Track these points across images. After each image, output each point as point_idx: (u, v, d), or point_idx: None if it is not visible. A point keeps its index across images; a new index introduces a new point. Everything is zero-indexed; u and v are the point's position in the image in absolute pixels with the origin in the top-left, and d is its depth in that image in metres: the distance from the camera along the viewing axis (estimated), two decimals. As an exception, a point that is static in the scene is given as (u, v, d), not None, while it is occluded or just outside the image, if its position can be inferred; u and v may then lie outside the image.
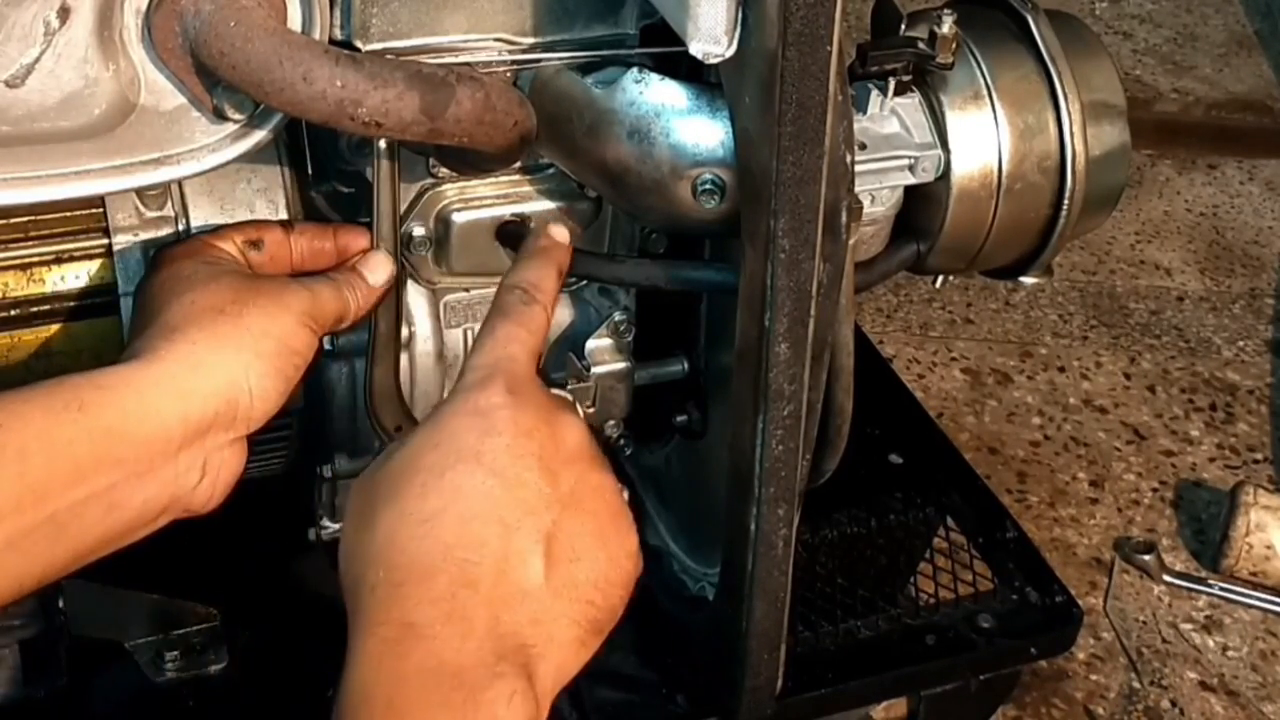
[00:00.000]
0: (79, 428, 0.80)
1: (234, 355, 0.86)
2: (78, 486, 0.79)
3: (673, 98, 0.94)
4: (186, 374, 0.84)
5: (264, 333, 0.88)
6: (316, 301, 0.93)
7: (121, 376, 0.83)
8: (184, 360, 0.85)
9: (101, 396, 0.81)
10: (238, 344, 0.87)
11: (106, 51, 0.84)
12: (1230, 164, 2.78)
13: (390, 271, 0.99)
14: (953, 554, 1.35)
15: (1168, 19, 3.27)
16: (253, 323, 0.88)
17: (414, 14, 0.93)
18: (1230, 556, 1.83)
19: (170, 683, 1.18)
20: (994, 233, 1.14)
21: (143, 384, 0.83)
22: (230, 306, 0.88)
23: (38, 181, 0.86)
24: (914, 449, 1.47)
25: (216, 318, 0.87)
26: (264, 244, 0.98)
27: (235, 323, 0.87)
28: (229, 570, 1.28)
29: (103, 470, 0.80)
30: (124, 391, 0.82)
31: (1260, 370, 2.26)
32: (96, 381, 0.82)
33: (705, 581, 1.23)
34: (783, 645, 1.12)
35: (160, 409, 0.83)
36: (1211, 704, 1.72)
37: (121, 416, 0.81)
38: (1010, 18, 1.15)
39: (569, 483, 0.80)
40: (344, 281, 0.96)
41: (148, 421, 0.82)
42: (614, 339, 1.14)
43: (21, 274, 0.99)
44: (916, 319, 2.33)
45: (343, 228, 1.01)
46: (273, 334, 0.88)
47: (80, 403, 0.80)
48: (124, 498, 0.82)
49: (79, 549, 0.82)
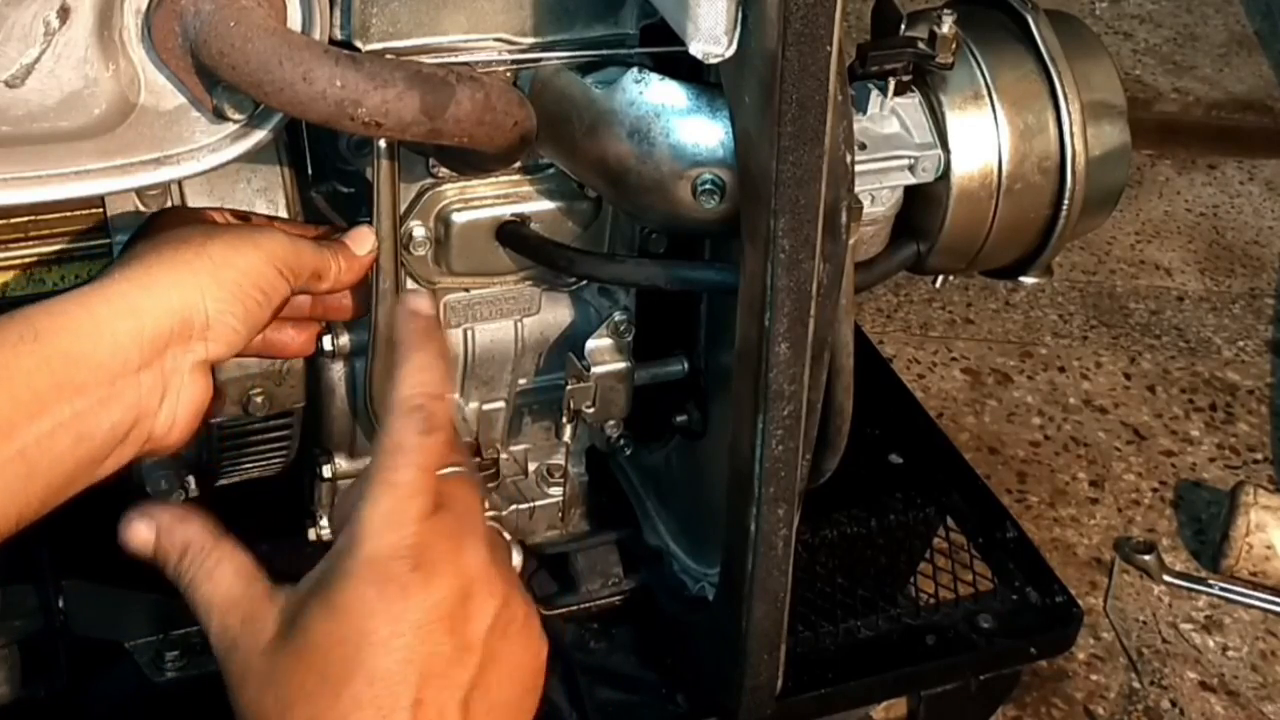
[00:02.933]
0: (37, 357, 0.79)
1: (190, 277, 0.86)
2: (42, 418, 0.79)
3: (673, 98, 0.94)
4: (138, 292, 0.84)
5: (225, 262, 0.87)
6: (293, 249, 0.92)
7: (74, 300, 0.83)
8: (137, 280, 0.84)
9: (55, 323, 0.81)
10: (194, 268, 0.86)
11: (106, 51, 0.84)
12: (1230, 164, 2.78)
13: (373, 245, 0.99)
14: (953, 554, 1.35)
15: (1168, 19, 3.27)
16: (215, 252, 0.87)
17: (414, 14, 0.93)
18: (1230, 556, 1.83)
19: (170, 683, 1.18)
20: (994, 233, 1.14)
21: (94, 304, 0.83)
22: (195, 237, 0.88)
23: (38, 181, 0.86)
24: (914, 449, 1.47)
25: (179, 245, 0.87)
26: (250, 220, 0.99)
27: (197, 251, 0.87)
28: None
29: (65, 398, 0.80)
30: (77, 314, 0.82)
31: (1260, 370, 2.26)
32: (49, 309, 0.82)
33: (705, 581, 1.23)
34: (783, 645, 1.12)
35: (114, 328, 0.82)
36: (1211, 704, 1.72)
37: (76, 339, 0.81)
38: (1010, 18, 1.15)
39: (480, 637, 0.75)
40: (325, 244, 0.96)
41: (102, 342, 0.82)
42: (614, 339, 1.14)
43: (21, 274, 0.99)
44: (916, 319, 2.33)
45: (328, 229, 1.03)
46: (235, 265, 0.88)
47: (35, 332, 0.80)
48: (90, 426, 0.82)
49: (52, 483, 0.81)
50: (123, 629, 1.18)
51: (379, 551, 0.74)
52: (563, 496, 1.24)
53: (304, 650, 0.73)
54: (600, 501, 1.29)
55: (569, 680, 1.21)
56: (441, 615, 0.73)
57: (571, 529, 1.27)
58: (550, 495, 1.24)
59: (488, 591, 0.76)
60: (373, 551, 0.74)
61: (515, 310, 1.13)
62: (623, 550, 1.29)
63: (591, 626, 1.26)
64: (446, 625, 0.74)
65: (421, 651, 0.72)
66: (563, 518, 1.26)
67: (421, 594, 0.73)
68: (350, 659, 0.72)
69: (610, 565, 1.28)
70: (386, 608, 0.72)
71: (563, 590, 1.27)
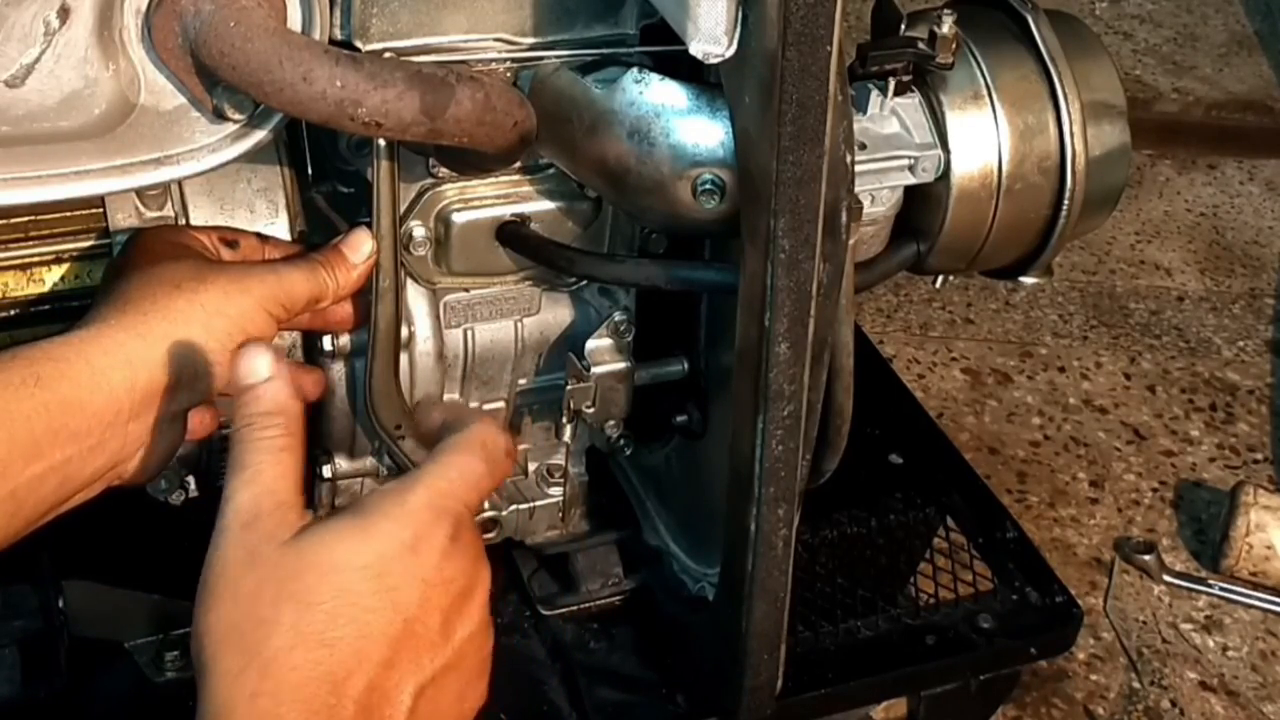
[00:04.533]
0: (36, 402, 0.81)
1: (184, 329, 0.87)
2: (37, 461, 0.81)
3: (673, 98, 0.94)
4: (134, 342, 0.85)
5: (218, 310, 0.88)
6: (283, 286, 0.93)
7: (73, 346, 0.84)
8: (133, 329, 0.86)
9: (56, 369, 0.82)
10: (188, 318, 0.87)
11: (106, 51, 0.84)
12: (1230, 164, 2.78)
13: (370, 247, 0.99)
14: (953, 554, 1.35)
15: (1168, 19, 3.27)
16: (208, 300, 0.88)
17: (414, 14, 0.93)
18: (1230, 556, 1.83)
19: (170, 683, 1.18)
20: (994, 233, 1.14)
21: (93, 353, 0.84)
22: (188, 283, 0.88)
23: (38, 181, 0.86)
24: (914, 449, 1.47)
25: (172, 291, 0.88)
26: (239, 245, 0.99)
27: (190, 299, 0.88)
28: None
29: (59, 444, 0.82)
30: (76, 362, 0.83)
31: (1260, 370, 2.26)
32: (50, 353, 0.83)
33: (705, 581, 1.23)
34: (783, 645, 1.12)
35: (110, 378, 0.84)
36: (1211, 704, 1.72)
37: (75, 387, 0.82)
38: (1010, 18, 1.15)
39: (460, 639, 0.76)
40: (321, 262, 0.97)
41: (99, 392, 0.83)
42: (614, 339, 1.14)
43: (21, 274, 0.99)
44: (916, 319, 2.33)
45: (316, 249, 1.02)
46: (227, 313, 0.89)
47: (37, 377, 0.81)
48: (76, 470, 0.84)
49: (32, 519, 0.83)
50: (123, 629, 1.18)
51: (432, 504, 0.75)
52: (563, 496, 1.24)
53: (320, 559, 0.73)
54: (600, 501, 1.29)
55: (569, 680, 1.21)
56: (448, 594, 0.74)
57: (571, 529, 1.27)
58: (550, 495, 1.24)
59: (483, 603, 0.77)
60: (427, 502, 0.75)
61: (515, 310, 1.13)
62: (623, 550, 1.29)
63: (591, 626, 1.26)
64: (445, 606, 0.74)
65: (416, 615, 0.73)
66: (563, 518, 1.26)
67: (446, 563, 0.74)
68: (354, 586, 0.72)
69: (610, 565, 1.28)
70: (413, 556, 0.73)
71: (563, 590, 1.27)
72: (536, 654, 1.23)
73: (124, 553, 1.09)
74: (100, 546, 0.92)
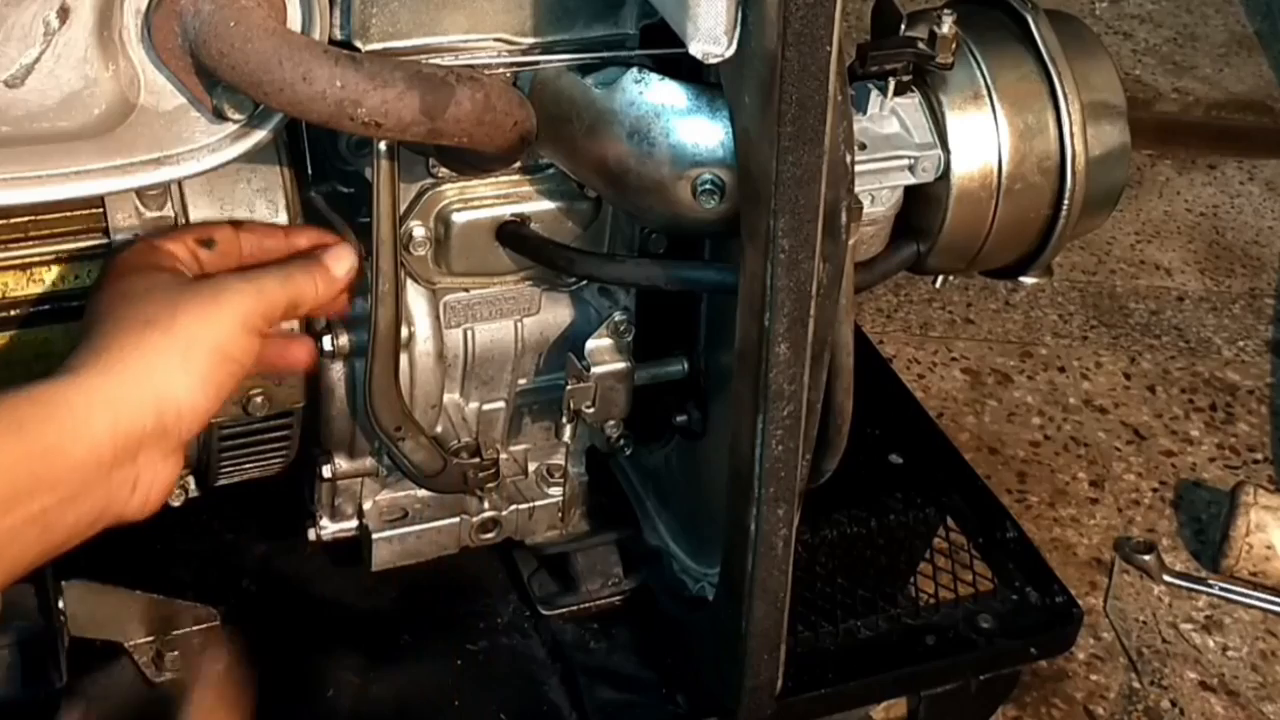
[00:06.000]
0: (18, 451, 0.79)
1: (162, 368, 0.86)
2: (14, 511, 0.79)
3: (673, 98, 0.94)
4: (115, 388, 0.84)
5: (194, 339, 0.87)
6: (261, 297, 0.91)
7: (56, 392, 0.83)
8: (114, 374, 0.84)
9: (39, 413, 0.81)
10: (166, 354, 0.86)
11: (106, 51, 0.84)
12: (1230, 164, 2.78)
13: (352, 263, 0.98)
14: (953, 554, 1.35)
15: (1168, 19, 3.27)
16: (181, 329, 0.87)
17: (414, 14, 0.93)
18: (1230, 556, 1.82)
19: (170, 683, 1.18)
20: (994, 233, 1.14)
21: (75, 400, 0.83)
22: (160, 317, 0.87)
23: (38, 181, 0.86)
24: (914, 449, 1.47)
25: (145, 329, 0.86)
26: (215, 242, 0.97)
27: (164, 333, 0.86)
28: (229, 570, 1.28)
29: (38, 494, 0.80)
30: (60, 408, 0.82)
31: (1260, 370, 2.26)
32: (34, 397, 0.82)
33: (705, 581, 1.23)
34: (783, 645, 1.12)
35: (91, 424, 0.82)
36: (1211, 704, 1.72)
37: (59, 435, 0.81)
38: (1010, 18, 1.15)
39: None
40: (298, 267, 0.96)
41: (81, 440, 0.82)
42: (614, 339, 1.14)
43: (21, 274, 0.99)
44: (916, 319, 2.33)
45: (295, 227, 1.02)
46: (204, 340, 0.88)
47: (19, 423, 0.80)
48: (56, 519, 0.82)
49: (13, 569, 0.82)
50: (123, 629, 1.18)
51: None
52: (563, 496, 1.24)
53: None
54: (600, 501, 1.29)
55: (569, 680, 1.21)
56: None
57: (571, 529, 1.27)
58: (550, 495, 1.24)
59: None
60: None
61: (515, 310, 1.13)
62: (623, 550, 1.29)
63: (591, 626, 1.25)
64: None
65: None
66: (563, 518, 1.26)
67: None
68: None
69: (610, 565, 1.28)
70: None
71: (563, 590, 1.27)
72: (536, 654, 1.23)
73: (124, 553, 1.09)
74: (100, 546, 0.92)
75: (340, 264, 0.98)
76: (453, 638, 1.24)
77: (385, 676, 1.20)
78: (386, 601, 1.26)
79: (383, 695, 1.19)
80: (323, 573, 1.28)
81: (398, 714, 1.19)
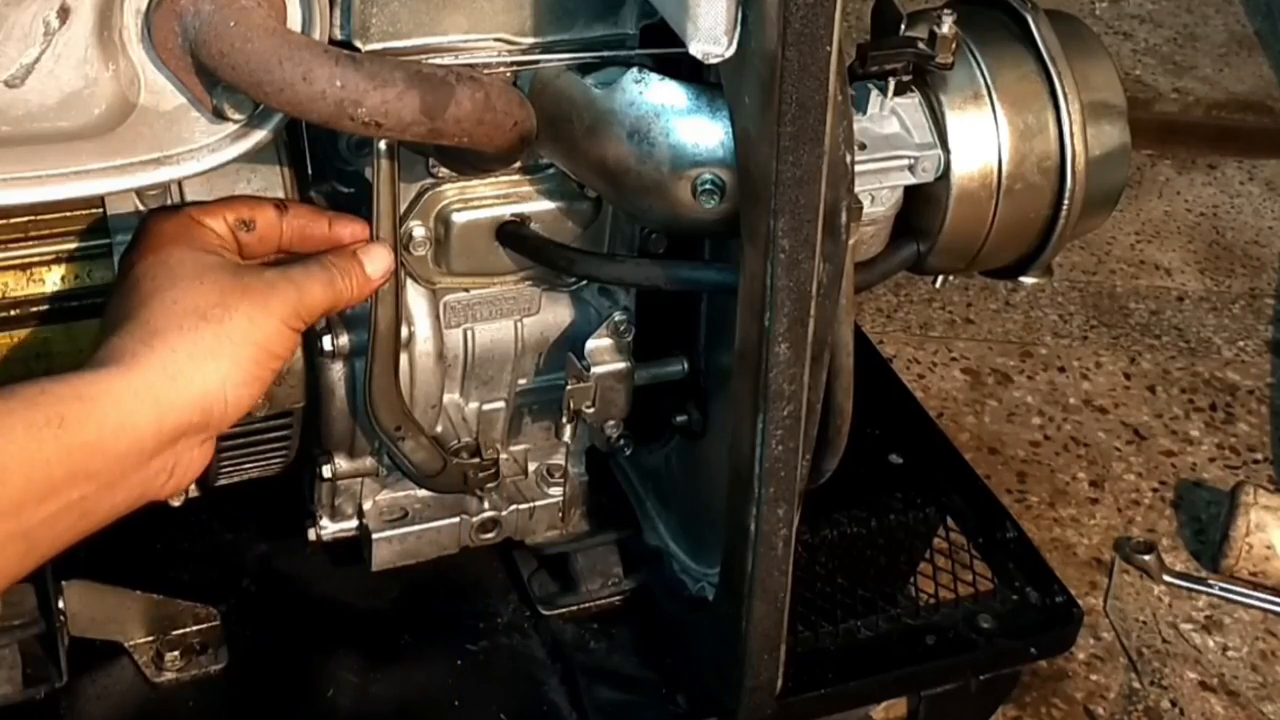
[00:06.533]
0: (59, 446, 0.79)
1: (213, 365, 0.86)
2: (51, 501, 0.79)
3: (673, 98, 0.94)
4: (164, 384, 0.84)
5: (245, 339, 0.87)
6: (304, 298, 0.92)
7: (101, 385, 0.82)
8: (163, 369, 0.84)
9: (82, 409, 0.81)
10: (217, 353, 0.86)
11: (106, 51, 0.84)
12: (1230, 164, 2.78)
13: (388, 265, 0.98)
14: (953, 554, 1.35)
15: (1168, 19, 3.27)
16: (234, 329, 0.87)
17: (414, 14, 0.93)
18: (1230, 556, 1.82)
19: (170, 683, 1.18)
20: (994, 233, 1.14)
21: (122, 394, 0.82)
22: (214, 310, 0.87)
23: (38, 181, 0.86)
24: (914, 449, 1.47)
25: (199, 323, 0.86)
26: (255, 225, 0.96)
27: (217, 330, 0.86)
28: (229, 570, 1.28)
29: (76, 484, 0.80)
30: (104, 402, 0.82)
31: (1260, 370, 2.26)
32: (78, 391, 0.81)
33: (705, 581, 1.23)
34: (783, 645, 1.12)
35: (136, 420, 0.82)
36: (1211, 704, 1.72)
37: (99, 430, 0.81)
38: (1010, 18, 1.15)
39: None
40: (338, 269, 0.95)
41: (124, 435, 0.82)
42: (614, 339, 1.14)
43: (21, 274, 0.99)
44: (916, 319, 2.33)
45: (338, 216, 1.00)
46: (254, 339, 0.88)
47: (61, 418, 0.79)
48: (93, 507, 0.82)
49: (47, 554, 0.82)
50: (123, 629, 1.18)
51: None
52: (563, 496, 1.24)
53: None
54: (600, 501, 1.29)
55: (569, 680, 1.21)
56: None
57: (571, 529, 1.27)
58: (550, 495, 1.24)
59: None
60: None
61: (515, 310, 1.13)
62: (623, 550, 1.29)
63: (591, 626, 1.26)
64: None
65: None
66: (563, 518, 1.26)
67: None
68: None
69: (610, 565, 1.28)
70: None
71: (563, 590, 1.27)
72: (536, 654, 1.23)
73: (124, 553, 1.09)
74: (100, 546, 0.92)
75: (376, 264, 0.98)
76: (453, 638, 1.24)
77: (385, 676, 1.20)
78: (386, 601, 1.27)
79: (383, 695, 1.19)
80: (323, 573, 1.28)
81: (398, 714, 1.19)
